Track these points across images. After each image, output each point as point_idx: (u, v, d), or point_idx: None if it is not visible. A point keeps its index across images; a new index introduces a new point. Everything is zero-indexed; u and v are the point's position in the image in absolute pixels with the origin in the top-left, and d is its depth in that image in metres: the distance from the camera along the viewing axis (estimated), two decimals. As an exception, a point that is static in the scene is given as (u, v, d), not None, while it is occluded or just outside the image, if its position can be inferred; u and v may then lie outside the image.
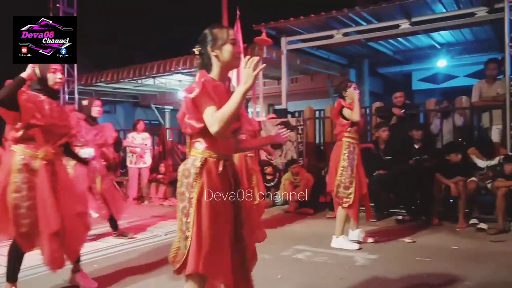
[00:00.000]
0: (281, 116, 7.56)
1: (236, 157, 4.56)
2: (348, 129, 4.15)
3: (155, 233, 5.02)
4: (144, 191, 7.85)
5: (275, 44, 7.96)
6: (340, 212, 4.21)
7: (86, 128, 4.26)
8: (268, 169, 6.86)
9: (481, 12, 6.28)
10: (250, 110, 12.59)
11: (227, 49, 1.96)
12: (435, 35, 7.96)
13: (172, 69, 9.03)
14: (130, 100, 13.85)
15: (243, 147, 2.26)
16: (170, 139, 9.73)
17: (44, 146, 2.81)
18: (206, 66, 1.99)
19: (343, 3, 7.07)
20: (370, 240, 4.38)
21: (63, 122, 2.94)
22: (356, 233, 4.36)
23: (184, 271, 1.90)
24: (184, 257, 1.88)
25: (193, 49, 2.01)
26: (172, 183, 8.13)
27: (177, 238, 1.94)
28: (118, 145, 4.86)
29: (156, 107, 13.52)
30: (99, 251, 4.20)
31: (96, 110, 4.33)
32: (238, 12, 7.37)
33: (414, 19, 6.84)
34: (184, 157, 8.29)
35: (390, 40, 8.35)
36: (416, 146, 5.69)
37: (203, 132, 1.89)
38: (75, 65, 9.34)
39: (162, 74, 9.68)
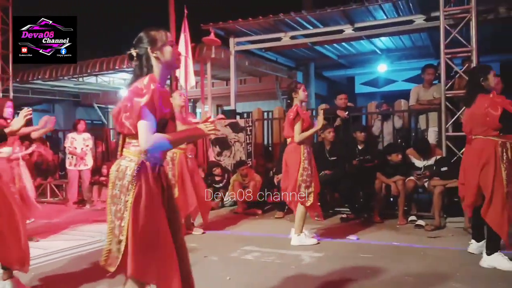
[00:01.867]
0: (230, 117, 7.54)
1: (177, 159, 4.60)
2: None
3: (97, 238, 4.80)
4: (86, 195, 7.49)
5: (224, 45, 7.93)
6: (300, 210, 4.33)
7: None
8: (217, 170, 6.81)
9: (419, 20, 6.64)
10: (198, 110, 12.50)
11: (168, 50, 1.99)
12: (376, 41, 8.32)
13: (116, 67, 8.70)
14: (70, 98, 13.19)
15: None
16: (114, 140, 9.38)
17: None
18: (145, 67, 1.97)
19: (291, 7, 7.20)
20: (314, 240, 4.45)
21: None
22: (301, 238, 4.38)
23: (119, 274, 1.90)
24: (119, 260, 1.86)
25: (129, 52, 1.99)
26: (116, 186, 7.83)
27: (107, 241, 1.91)
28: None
29: (98, 107, 12.98)
30: (37, 258, 3.94)
31: (8, 111, 4.28)
32: (185, 11, 7.27)
33: (357, 25, 7.10)
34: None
35: (335, 45, 8.62)
36: (359, 147, 5.90)
37: (138, 136, 1.88)
38: (10, 60, 8.70)
39: (105, 72, 9.30)
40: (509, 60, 9.04)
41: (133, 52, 1.98)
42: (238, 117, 7.79)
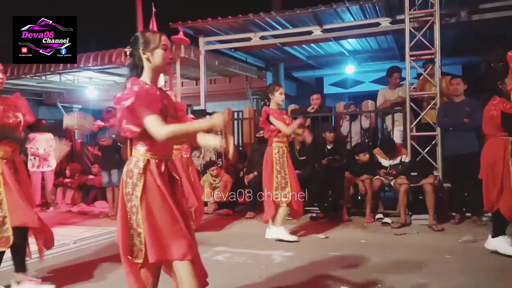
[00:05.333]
0: (200, 117, 7.45)
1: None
2: (277, 134, 4.47)
3: (61, 242, 4.64)
4: (49, 197, 7.23)
5: (193, 44, 7.85)
6: (281, 210, 4.45)
7: None
8: (186, 171, 6.72)
9: (385, 23, 6.80)
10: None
11: (159, 53, 2.09)
12: (344, 42, 8.45)
13: (81, 65, 8.44)
14: (33, 97, 12.68)
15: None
16: (79, 140, 9.12)
17: (1, 146, 2.91)
18: (136, 67, 2.11)
19: (261, 7, 7.22)
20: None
21: (13, 117, 2.96)
22: (280, 231, 4.48)
23: (147, 264, 2.08)
24: (143, 252, 2.04)
25: (125, 50, 2.14)
26: (81, 188, 7.62)
27: (130, 236, 2.08)
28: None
29: (62, 106, 12.55)
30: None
31: None
32: (153, 9, 7.14)
33: (325, 27, 7.20)
34: (94, 160, 7.79)
35: (304, 46, 8.70)
36: (329, 147, 5.99)
37: (142, 136, 2.03)
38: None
39: (69, 70, 9.00)
40: (471, 62, 9.41)
41: (127, 50, 2.12)
42: (208, 117, 7.73)
